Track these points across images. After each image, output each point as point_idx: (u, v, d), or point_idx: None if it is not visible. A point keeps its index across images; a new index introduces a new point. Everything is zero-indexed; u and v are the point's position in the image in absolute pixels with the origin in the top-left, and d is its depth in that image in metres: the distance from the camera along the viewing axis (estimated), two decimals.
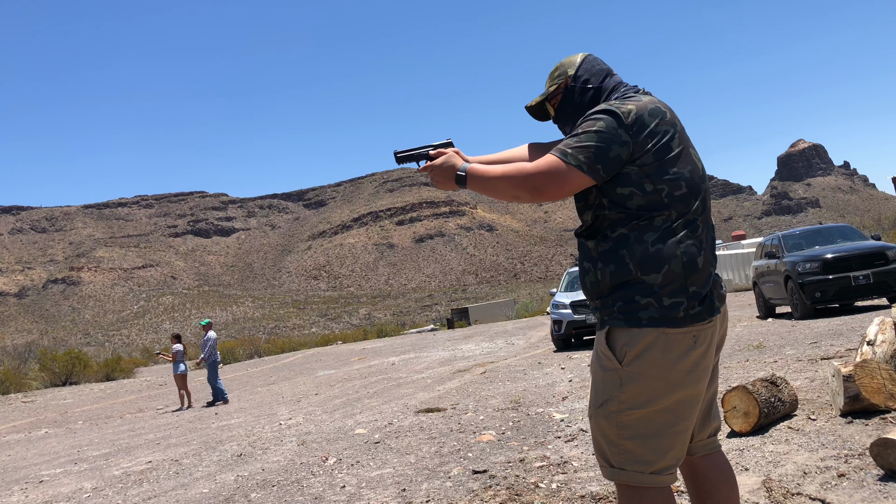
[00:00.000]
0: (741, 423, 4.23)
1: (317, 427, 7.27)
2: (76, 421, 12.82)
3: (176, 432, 8.92)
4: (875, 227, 46.09)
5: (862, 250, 10.41)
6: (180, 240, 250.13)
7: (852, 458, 3.42)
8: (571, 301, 12.32)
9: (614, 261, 1.84)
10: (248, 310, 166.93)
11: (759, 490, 3.18)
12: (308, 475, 4.91)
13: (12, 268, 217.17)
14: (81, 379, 25.74)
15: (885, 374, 4.06)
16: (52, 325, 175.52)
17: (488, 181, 1.94)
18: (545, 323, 22.85)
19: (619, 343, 1.83)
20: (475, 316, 50.21)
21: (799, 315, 10.61)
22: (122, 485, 5.62)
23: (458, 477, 4.26)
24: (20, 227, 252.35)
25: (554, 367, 9.65)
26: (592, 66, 2.07)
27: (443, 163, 2.05)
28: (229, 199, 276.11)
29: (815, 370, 5.89)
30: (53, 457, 8.12)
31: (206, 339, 13.00)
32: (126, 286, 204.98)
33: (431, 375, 11.38)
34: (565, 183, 1.82)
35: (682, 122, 1.97)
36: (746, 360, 7.19)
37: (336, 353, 24.78)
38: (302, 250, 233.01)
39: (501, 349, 15.32)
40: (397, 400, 8.61)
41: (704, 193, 1.91)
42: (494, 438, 5.28)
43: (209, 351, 12.84)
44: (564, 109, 2.09)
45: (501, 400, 7.24)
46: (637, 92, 1.99)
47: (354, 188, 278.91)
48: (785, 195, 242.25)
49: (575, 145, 1.83)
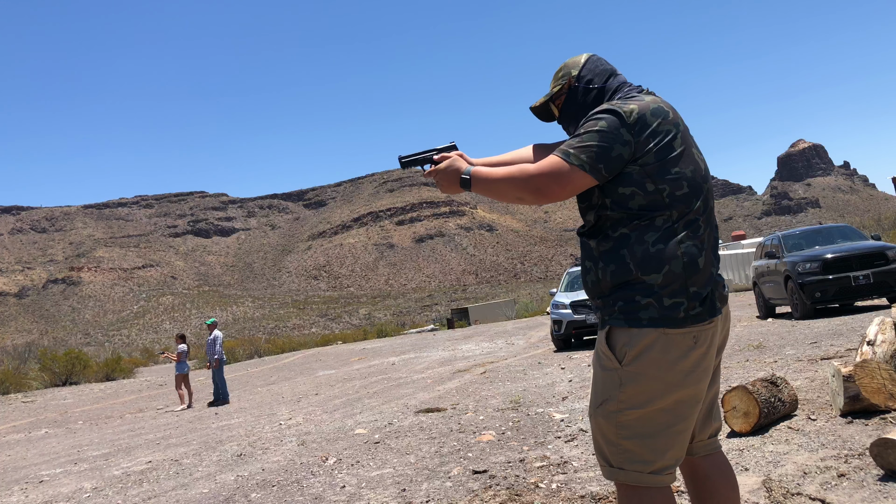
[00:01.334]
0: (741, 423, 4.23)
1: (317, 427, 7.27)
2: (76, 421, 12.82)
3: (176, 432, 8.92)
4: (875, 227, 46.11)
5: (862, 250, 10.40)
6: (180, 240, 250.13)
7: (852, 458, 3.42)
8: (571, 301, 12.32)
9: (615, 260, 1.84)
10: (248, 310, 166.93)
11: (759, 490, 3.18)
12: (308, 475, 4.91)
13: (12, 268, 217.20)
14: (81, 379, 25.75)
15: (885, 374, 4.06)
16: (52, 325, 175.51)
17: (492, 184, 1.94)
18: (545, 323, 22.85)
19: (619, 343, 1.83)
20: (475, 316, 50.17)
21: (799, 315, 10.60)
22: (122, 485, 5.62)
23: (458, 477, 4.26)
24: (20, 227, 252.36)
25: (554, 367, 9.65)
26: (596, 67, 2.07)
27: (447, 167, 2.05)
28: (229, 199, 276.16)
29: (815, 370, 5.89)
30: (53, 457, 8.12)
31: (211, 338, 13.03)
32: (126, 286, 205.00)
33: (431, 375, 11.38)
34: (568, 183, 1.82)
35: (685, 123, 1.97)
36: (746, 360, 7.19)
37: (336, 353, 24.77)
38: (302, 250, 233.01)
39: (501, 349, 15.31)
40: (397, 400, 8.61)
41: (707, 193, 1.91)
42: (494, 438, 5.28)
43: (220, 351, 12.93)
44: (568, 110, 2.09)
45: (501, 400, 7.24)
46: (640, 92, 1.99)
47: (354, 188, 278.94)
48: (785, 195, 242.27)
49: (577, 145, 1.83)
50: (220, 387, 12.45)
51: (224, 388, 12.49)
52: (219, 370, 12.68)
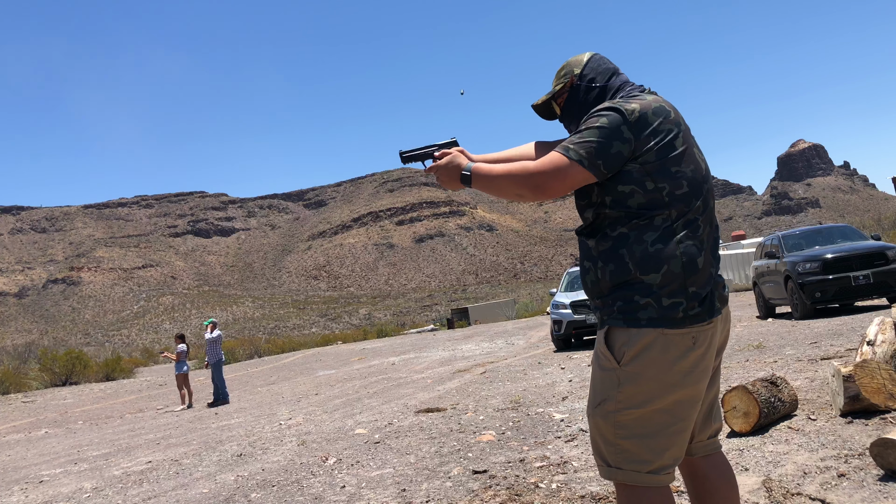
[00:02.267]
0: (741, 423, 4.23)
1: (317, 427, 7.27)
2: (76, 421, 12.82)
3: (176, 432, 8.92)
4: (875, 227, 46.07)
5: (862, 250, 10.40)
6: (180, 240, 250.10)
7: (852, 458, 3.42)
8: (571, 301, 12.32)
9: (614, 260, 1.84)
10: (248, 310, 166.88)
11: (759, 490, 3.18)
12: (308, 475, 4.91)
13: (12, 268, 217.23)
14: (81, 379, 25.73)
15: (885, 374, 4.06)
16: (52, 325, 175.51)
17: (492, 180, 1.94)
18: (545, 323, 22.85)
19: (617, 343, 1.83)
20: (475, 316, 50.16)
21: (799, 315, 10.60)
22: (122, 485, 5.62)
23: (458, 477, 4.26)
24: (20, 227, 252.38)
25: (554, 367, 9.65)
26: (598, 65, 2.07)
27: (448, 162, 2.05)
28: (229, 199, 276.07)
29: (815, 370, 5.89)
30: (53, 457, 8.12)
31: (210, 338, 13.07)
32: (126, 286, 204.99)
33: (431, 375, 11.38)
34: (566, 178, 1.83)
35: (686, 122, 1.98)
36: (746, 360, 7.19)
37: (336, 353, 24.77)
38: (302, 250, 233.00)
39: (501, 349, 15.31)
40: (397, 400, 8.61)
41: (707, 193, 1.91)
42: (494, 438, 5.28)
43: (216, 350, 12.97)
44: (570, 108, 2.09)
45: (501, 400, 7.24)
46: (642, 91, 2.00)
47: (354, 188, 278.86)
48: (785, 195, 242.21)
49: (577, 141, 1.84)
50: (220, 387, 12.47)
51: (223, 388, 12.50)
52: (218, 370, 12.69)
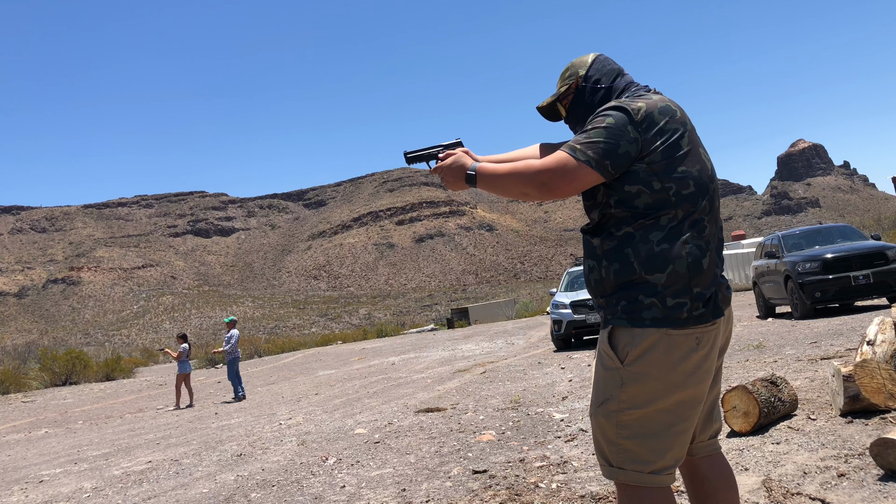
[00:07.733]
0: (741, 422, 4.23)
1: (317, 427, 7.27)
2: (76, 421, 12.82)
3: (176, 432, 8.92)
4: (875, 227, 46.10)
5: (862, 250, 10.41)
6: (180, 240, 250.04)
7: (852, 457, 3.42)
8: (571, 301, 12.32)
9: (619, 259, 1.84)
10: (248, 310, 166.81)
11: (759, 490, 3.18)
12: (308, 475, 4.91)
13: (12, 268, 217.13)
14: (81, 379, 25.71)
15: (885, 374, 4.06)
16: (52, 325, 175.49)
17: (497, 179, 1.94)
18: (545, 323, 22.85)
19: (621, 342, 1.83)
20: (475, 316, 50.15)
21: (799, 315, 10.60)
22: (122, 485, 5.62)
23: (458, 477, 4.26)
24: (20, 227, 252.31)
25: (554, 367, 9.65)
26: (603, 66, 2.07)
27: (452, 163, 2.05)
28: (229, 199, 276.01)
29: (815, 370, 5.89)
30: (53, 457, 8.12)
31: (228, 335, 13.32)
32: (126, 286, 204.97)
33: (431, 375, 11.38)
34: (574, 179, 1.82)
35: (692, 123, 1.98)
36: (746, 360, 7.20)
37: (336, 353, 24.77)
38: (302, 250, 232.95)
39: (501, 349, 15.31)
40: (397, 400, 8.61)
41: (713, 193, 1.91)
42: (494, 438, 5.28)
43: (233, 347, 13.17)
44: (576, 110, 2.09)
45: (501, 400, 7.24)
46: (648, 91, 1.99)
47: (354, 188, 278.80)
48: (785, 195, 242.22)
49: (584, 141, 1.83)
50: (234, 384, 12.63)
51: (237, 385, 12.65)
52: (232, 368, 12.88)
